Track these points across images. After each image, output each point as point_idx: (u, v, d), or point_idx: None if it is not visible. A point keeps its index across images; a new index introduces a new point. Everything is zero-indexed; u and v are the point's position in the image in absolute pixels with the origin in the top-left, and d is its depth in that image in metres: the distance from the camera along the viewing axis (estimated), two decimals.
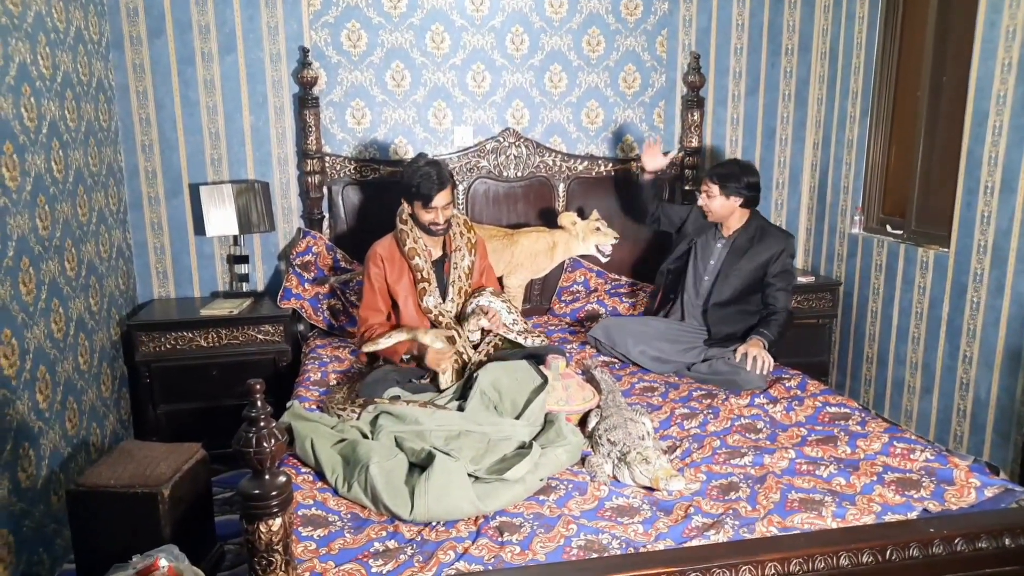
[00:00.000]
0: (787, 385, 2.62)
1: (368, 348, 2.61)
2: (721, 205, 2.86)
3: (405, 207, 2.74)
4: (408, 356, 2.63)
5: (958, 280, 3.05)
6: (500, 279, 3.24)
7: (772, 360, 2.68)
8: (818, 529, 1.74)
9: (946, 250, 3.11)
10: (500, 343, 2.75)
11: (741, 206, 2.88)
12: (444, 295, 2.74)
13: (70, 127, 2.73)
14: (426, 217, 2.64)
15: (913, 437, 2.17)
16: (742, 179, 2.84)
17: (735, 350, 2.72)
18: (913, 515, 1.79)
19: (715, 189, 2.83)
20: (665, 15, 3.66)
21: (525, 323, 2.85)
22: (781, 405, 2.46)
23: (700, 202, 2.93)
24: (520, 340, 2.76)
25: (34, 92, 2.45)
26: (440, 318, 2.68)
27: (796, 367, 2.89)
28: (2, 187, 2.21)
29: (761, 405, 2.47)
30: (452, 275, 2.75)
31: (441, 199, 2.62)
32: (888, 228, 3.53)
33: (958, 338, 3.07)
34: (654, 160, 3.22)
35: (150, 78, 3.28)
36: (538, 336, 2.81)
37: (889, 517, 1.79)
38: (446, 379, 2.56)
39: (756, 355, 2.64)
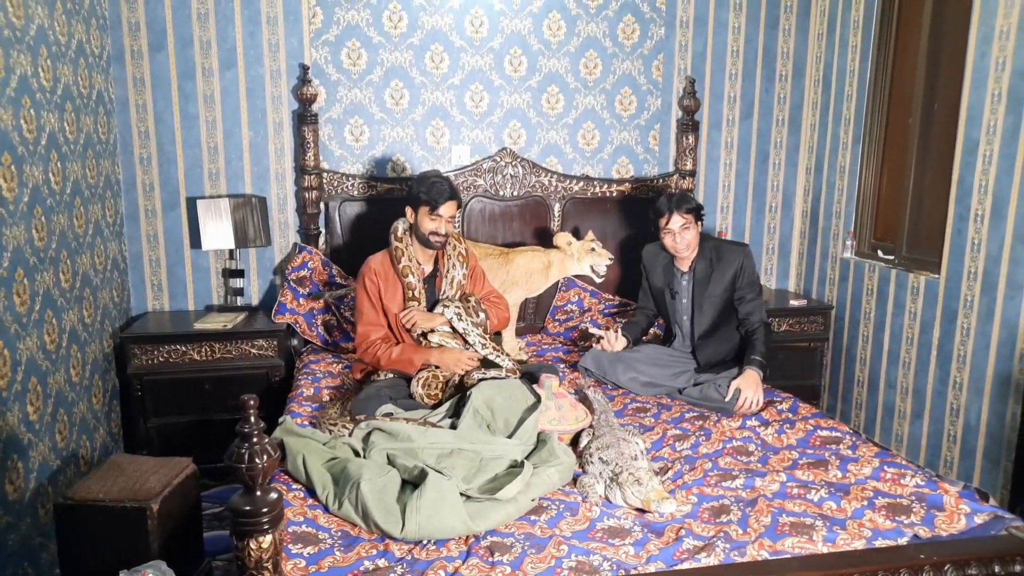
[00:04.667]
0: (779, 408, 2.63)
1: (388, 366, 2.64)
2: (695, 235, 2.85)
3: (400, 223, 2.75)
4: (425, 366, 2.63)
5: (948, 306, 3.08)
6: None
7: (762, 397, 2.66)
8: (808, 553, 1.74)
9: (937, 276, 3.14)
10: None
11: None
12: (432, 311, 2.73)
13: (69, 139, 2.74)
14: (429, 225, 2.65)
15: (903, 462, 2.18)
16: (695, 201, 2.86)
17: (729, 383, 2.69)
18: (903, 540, 1.80)
19: (691, 218, 2.81)
20: (661, 40, 3.71)
21: (490, 341, 2.74)
22: (773, 428, 2.47)
23: (676, 240, 2.82)
24: (495, 359, 2.72)
25: (34, 104, 2.46)
26: (422, 338, 2.68)
27: (788, 390, 2.90)
28: None
29: (753, 428, 2.48)
30: (443, 288, 2.76)
31: (447, 209, 2.65)
32: (879, 253, 3.56)
33: (948, 363, 3.09)
34: (618, 343, 2.97)
35: (150, 92, 3.30)
36: (505, 356, 2.72)
37: (879, 542, 1.79)
38: (416, 385, 2.55)
39: (748, 397, 2.61)
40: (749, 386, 2.64)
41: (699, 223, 2.87)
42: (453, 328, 2.69)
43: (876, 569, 1.61)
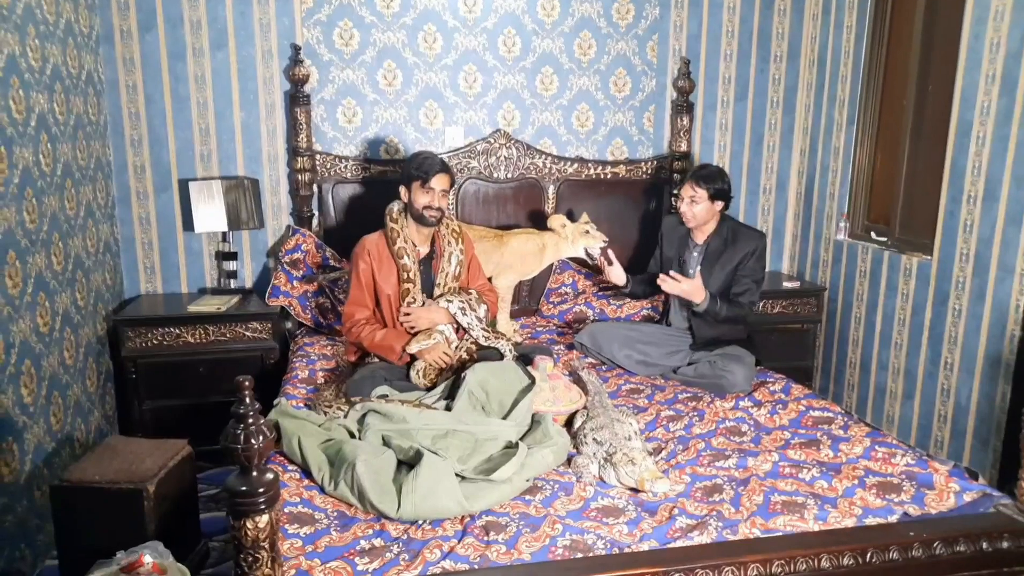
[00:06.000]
0: (771, 389, 2.65)
1: (371, 349, 2.65)
2: (706, 209, 2.87)
3: (395, 204, 2.74)
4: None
5: (941, 287, 3.09)
6: (489, 279, 3.23)
7: (686, 291, 2.75)
8: (800, 531, 1.76)
9: (929, 258, 3.15)
10: (475, 346, 2.71)
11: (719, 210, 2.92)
12: (430, 295, 2.73)
13: (59, 120, 2.71)
14: (423, 199, 2.64)
15: (894, 442, 2.20)
16: (721, 182, 2.87)
17: (725, 361, 2.71)
18: (893, 519, 1.82)
19: (703, 193, 2.84)
20: (656, 20, 3.69)
21: (492, 333, 2.76)
22: (765, 408, 2.49)
23: (683, 208, 2.89)
24: (497, 347, 2.72)
25: (23, 84, 2.43)
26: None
27: (780, 371, 2.92)
28: None
29: (745, 408, 2.50)
30: (440, 274, 2.75)
31: (439, 181, 2.64)
32: (873, 235, 3.57)
33: (940, 345, 3.11)
34: (618, 275, 3.04)
35: (140, 72, 3.27)
36: (505, 342, 2.73)
37: (870, 520, 1.81)
38: (416, 376, 2.56)
39: (678, 283, 2.72)
40: (688, 282, 2.74)
41: (716, 203, 2.87)
42: (456, 323, 2.69)
43: (867, 547, 1.63)
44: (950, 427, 3.07)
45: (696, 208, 2.85)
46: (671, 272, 2.78)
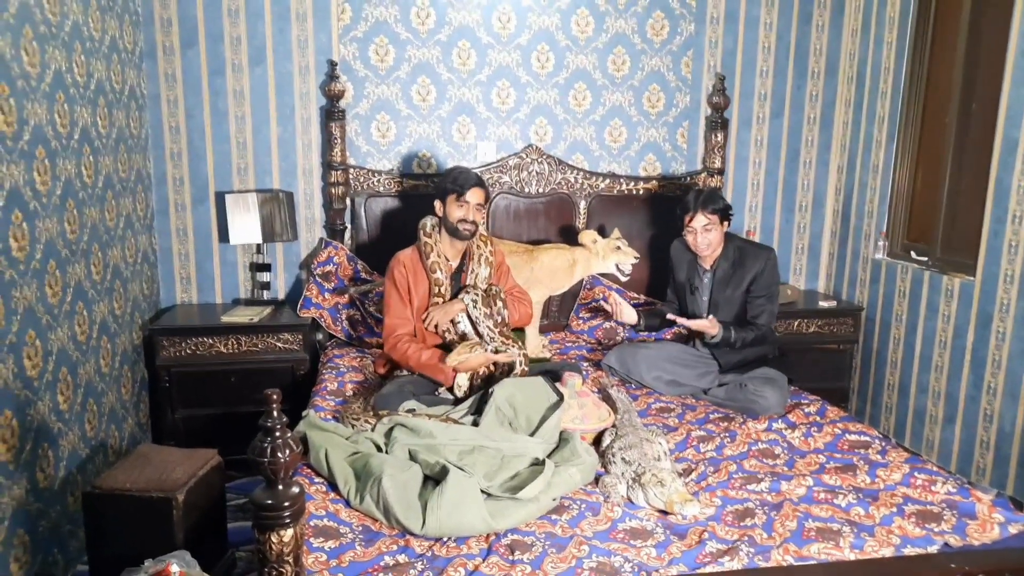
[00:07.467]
0: (806, 411, 2.59)
1: (417, 369, 2.62)
2: (717, 236, 2.82)
3: (429, 219, 2.76)
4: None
5: (984, 309, 3.00)
6: None
7: (699, 327, 2.77)
8: (835, 560, 1.71)
9: (972, 278, 3.06)
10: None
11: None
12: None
13: (101, 133, 2.78)
14: (457, 213, 2.65)
15: (934, 468, 2.13)
16: (723, 200, 2.83)
17: (757, 383, 2.66)
18: (933, 549, 1.75)
19: (715, 219, 2.79)
20: (691, 36, 3.66)
21: (499, 335, 2.69)
22: (800, 431, 2.43)
23: (697, 239, 2.80)
24: (503, 349, 2.66)
25: (68, 99, 2.50)
26: (447, 335, 2.67)
27: (816, 393, 2.85)
28: (33, 191, 2.26)
29: (779, 430, 2.44)
30: (470, 275, 2.75)
31: (474, 195, 2.65)
32: (912, 254, 3.48)
33: (982, 368, 3.01)
34: (628, 315, 2.99)
35: (181, 87, 3.34)
36: (514, 347, 2.68)
37: (908, 550, 1.75)
38: (459, 391, 2.56)
39: (687, 323, 2.77)
40: (697, 323, 2.77)
41: (725, 224, 2.83)
42: (470, 317, 2.68)
43: None
44: (993, 454, 2.96)
45: (711, 235, 2.80)
46: (677, 319, 2.83)
